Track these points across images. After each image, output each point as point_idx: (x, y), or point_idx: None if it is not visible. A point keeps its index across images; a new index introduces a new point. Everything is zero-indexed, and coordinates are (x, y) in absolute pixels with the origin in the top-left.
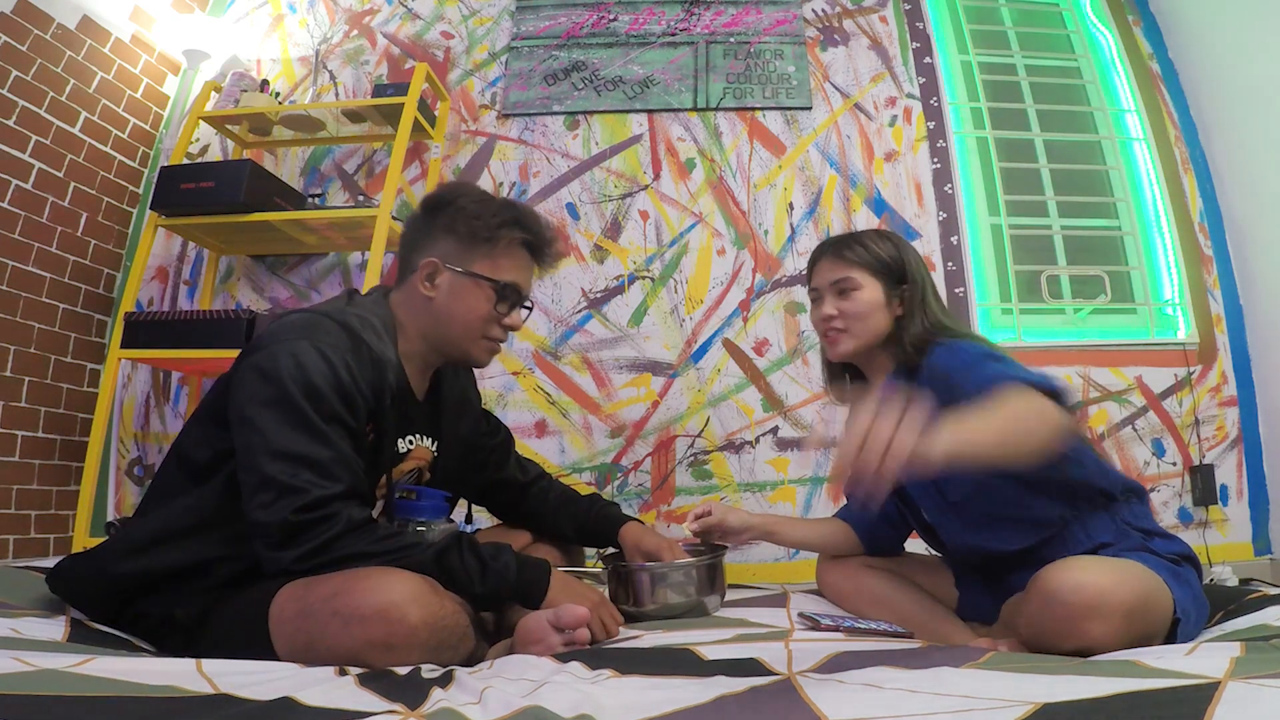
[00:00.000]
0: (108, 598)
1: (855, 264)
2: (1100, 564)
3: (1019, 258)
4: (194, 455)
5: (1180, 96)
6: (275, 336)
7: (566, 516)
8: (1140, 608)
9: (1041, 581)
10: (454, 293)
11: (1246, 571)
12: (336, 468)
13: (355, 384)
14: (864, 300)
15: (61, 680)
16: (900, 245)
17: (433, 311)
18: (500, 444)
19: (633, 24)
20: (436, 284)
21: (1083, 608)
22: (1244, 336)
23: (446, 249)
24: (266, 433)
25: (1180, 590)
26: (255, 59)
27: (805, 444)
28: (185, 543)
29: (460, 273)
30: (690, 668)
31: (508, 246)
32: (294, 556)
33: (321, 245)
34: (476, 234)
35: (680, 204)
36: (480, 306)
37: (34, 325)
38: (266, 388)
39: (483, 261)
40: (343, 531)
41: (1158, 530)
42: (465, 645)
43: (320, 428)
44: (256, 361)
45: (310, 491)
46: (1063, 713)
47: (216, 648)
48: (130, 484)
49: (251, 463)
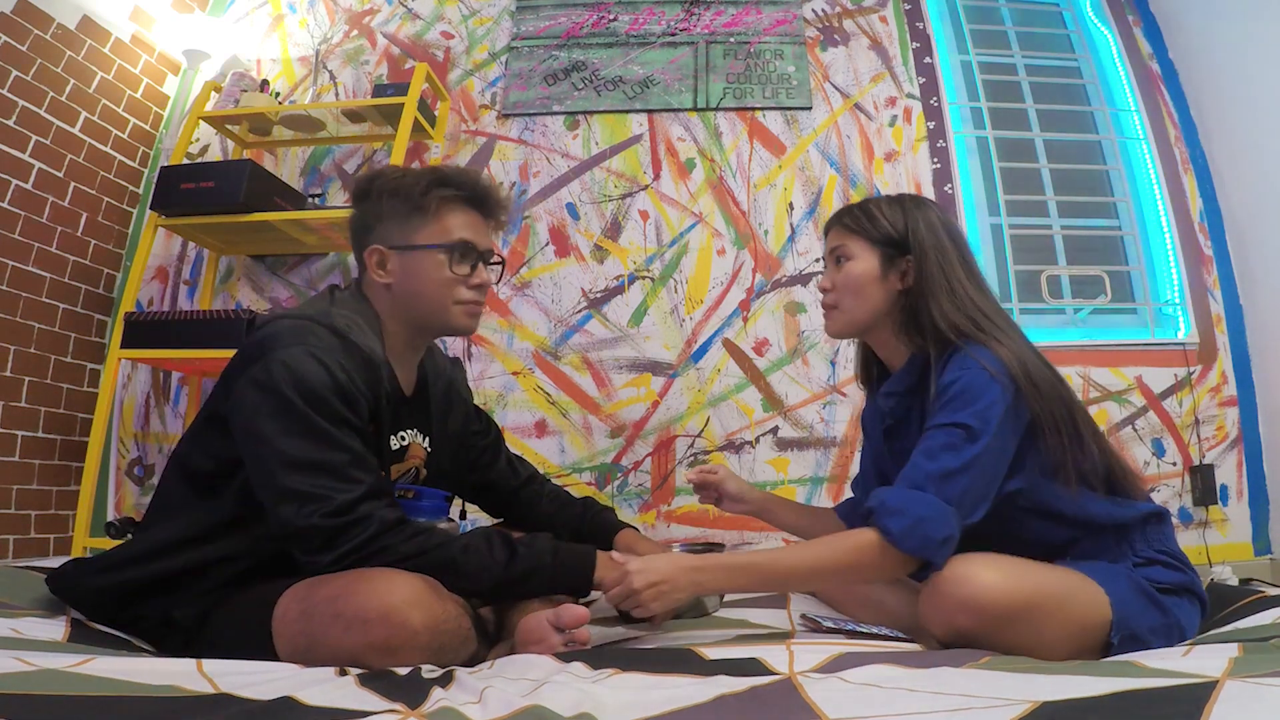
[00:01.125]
0: (108, 603)
1: (852, 231)
2: (997, 563)
3: (1019, 258)
4: (196, 466)
5: (1180, 96)
6: (265, 346)
7: (562, 521)
8: (1030, 612)
9: (937, 571)
10: (406, 271)
11: (1246, 571)
12: (354, 469)
13: (353, 384)
14: (854, 272)
15: (62, 680)
16: (912, 211)
17: (396, 296)
18: (491, 443)
19: (633, 24)
20: (389, 269)
21: (955, 600)
22: (1244, 336)
23: (385, 233)
24: (276, 446)
25: (1137, 611)
26: (255, 59)
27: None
28: (189, 550)
29: (404, 248)
30: (691, 667)
31: (441, 207)
32: (331, 559)
33: (321, 245)
34: (408, 207)
35: (680, 204)
36: (436, 273)
37: (34, 325)
38: (267, 400)
39: (423, 231)
40: (377, 533)
41: (1165, 557)
42: (467, 648)
43: (329, 432)
44: (253, 375)
45: (333, 498)
46: (1061, 712)
47: (216, 648)
48: (130, 484)
49: (268, 479)
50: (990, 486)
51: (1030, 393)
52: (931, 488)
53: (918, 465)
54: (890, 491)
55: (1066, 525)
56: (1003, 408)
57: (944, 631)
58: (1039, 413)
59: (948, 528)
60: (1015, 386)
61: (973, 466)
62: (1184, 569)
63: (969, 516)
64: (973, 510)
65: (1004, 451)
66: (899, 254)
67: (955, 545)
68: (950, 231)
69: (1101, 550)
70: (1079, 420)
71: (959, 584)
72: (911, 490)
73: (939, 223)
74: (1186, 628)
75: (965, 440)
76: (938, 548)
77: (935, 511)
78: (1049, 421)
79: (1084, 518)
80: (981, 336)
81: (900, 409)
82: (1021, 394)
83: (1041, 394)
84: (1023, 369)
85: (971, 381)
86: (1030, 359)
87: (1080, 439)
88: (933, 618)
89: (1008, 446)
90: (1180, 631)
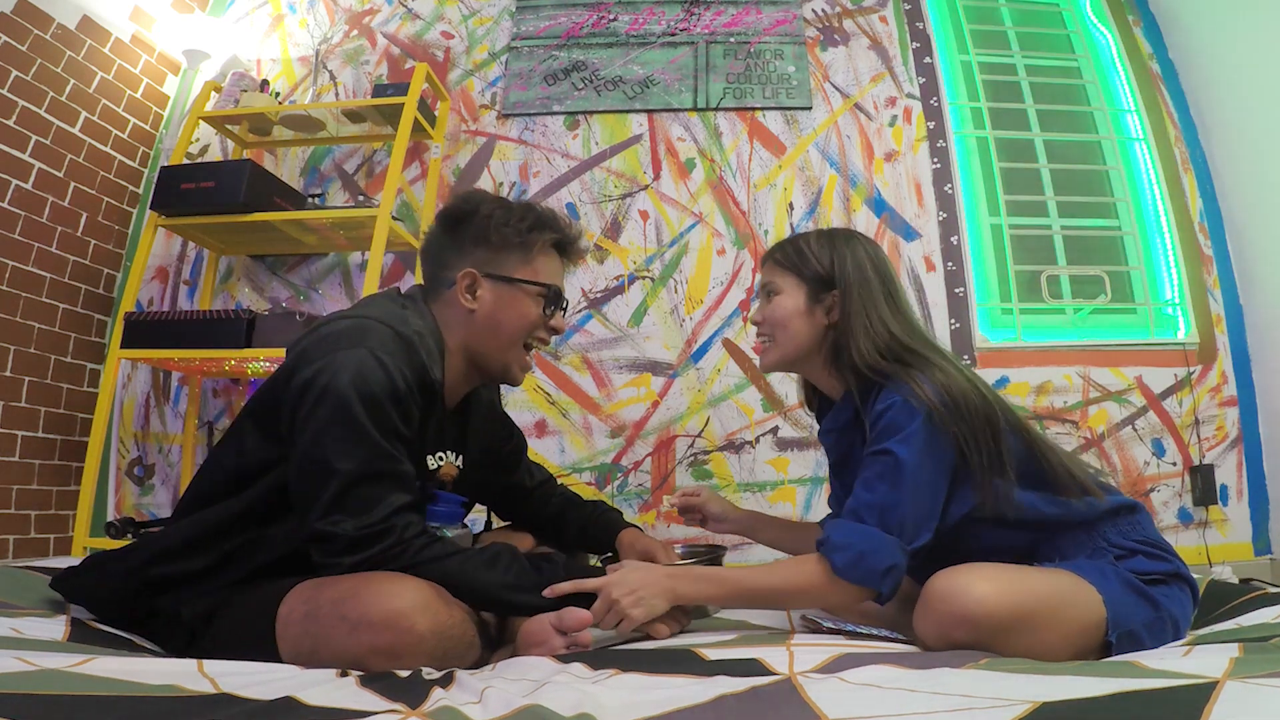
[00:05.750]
0: (126, 599)
1: (782, 266)
2: (988, 573)
3: (1019, 258)
4: (237, 465)
5: (1180, 96)
6: (327, 346)
7: (568, 521)
8: (1027, 620)
9: (926, 585)
10: (499, 302)
11: (1246, 571)
12: (398, 483)
13: (410, 393)
14: (782, 306)
15: (62, 680)
16: (840, 247)
17: (476, 323)
18: (513, 449)
19: (633, 24)
20: (479, 296)
21: (950, 614)
22: (1244, 336)
23: (480, 259)
24: (324, 450)
25: (1130, 607)
26: (255, 59)
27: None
28: (215, 545)
29: (502, 280)
30: (691, 667)
31: (541, 249)
32: (350, 564)
33: (321, 245)
34: (509, 240)
35: (680, 204)
36: (529, 312)
37: (34, 325)
38: (325, 402)
39: (520, 268)
40: (399, 546)
41: (1145, 547)
42: (471, 654)
43: (379, 444)
44: (312, 377)
45: (373, 510)
46: (1061, 712)
47: (219, 648)
48: (130, 484)
49: (309, 480)
50: (931, 508)
51: (950, 413)
52: (872, 519)
53: (858, 496)
54: (835, 525)
55: (1025, 529)
56: (926, 434)
57: (940, 645)
58: (958, 434)
59: (890, 558)
60: (938, 410)
61: (907, 493)
62: (1167, 556)
63: (913, 541)
64: (916, 535)
65: (937, 474)
66: (825, 289)
67: (902, 572)
68: (877, 266)
69: (1075, 547)
70: (999, 438)
71: (953, 598)
72: (853, 523)
73: (866, 258)
74: (1180, 618)
75: (894, 469)
76: (881, 578)
77: (876, 544)
78: (969, 440)
79: (1038, 519)
80: (895, 369)
81: (842, 444)
82: (945, 416)
83: (961, 416)
84: (944, 393)
85: (897, 412)
86: (956, 383)
87: (999, 456)
88: (928, 632)
89: (940, 469)
90: (1174, 624)
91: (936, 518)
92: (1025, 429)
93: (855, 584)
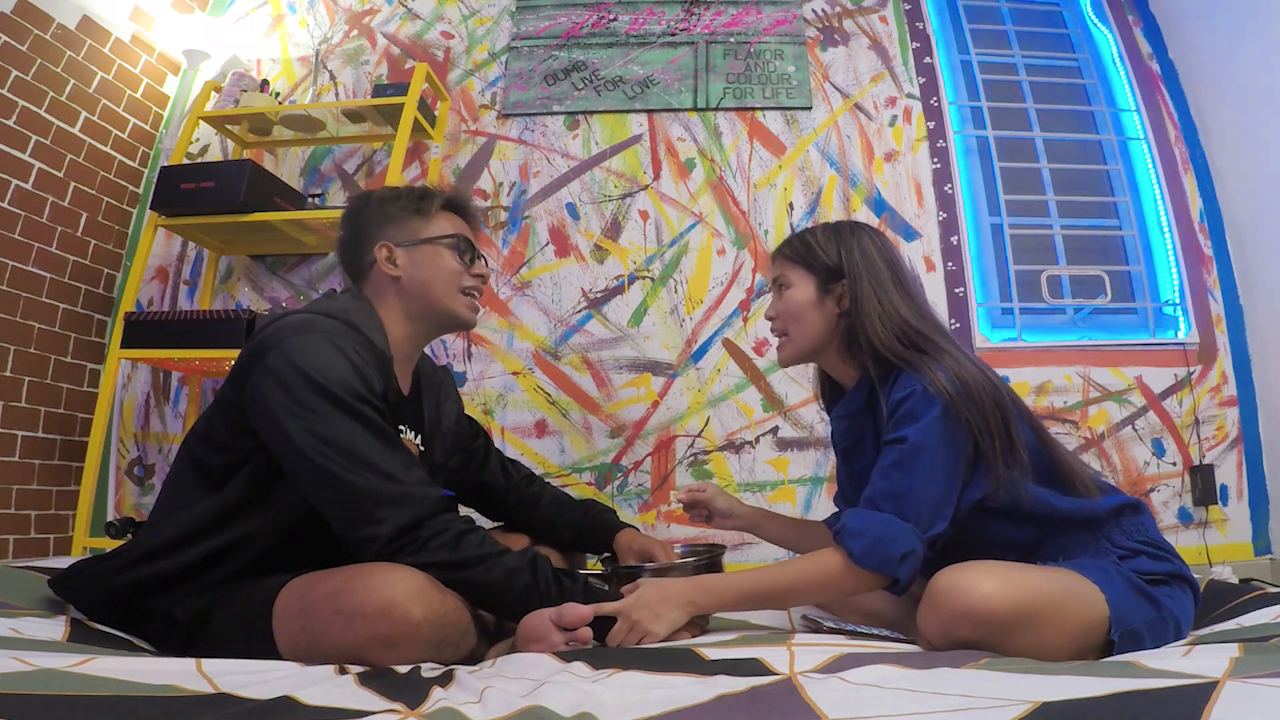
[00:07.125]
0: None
1: (791, 260)
2: (992, 570)
3: (1019, 258)
4: (208, 461)
5: (1180, 96)
6: (280, 336)
7: (563, 522)
8: (1031, 618)
9: (930, 582)
10: (417, 261)
11: (1246, 571)
12: (409, 470)
13: (366, 365)
14: (793, 299)
15: (61, 680)
16: (847, 238)
17: (406, 288)
18: (480, 445)
19: (633, 24)
20: (399, 264)
21: (954, 611)
22: (1244, 336)
23: (388, 233)
24: (330, 440)
25: (1132, 606)
26: (255, 59)
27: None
28: (200, 543)
29: (411, 244)
30: (691, 667)
31: (436, 210)
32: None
33: (321, 245)
34: (405, 210)
35: (680, 204)
36: (447, 263)
37: (34, 325)
38: (296, 388)
39: (424, 229)
40: (451, 540)
41: (1148, 548)
42: (467, 642)
43: (385, 431)
44: (270, 366)
45: (410, 503)
46: (1061, 712)
47: (216, 646)
48: (130, 484)
49: (323, 477)
50: (947, 496)
51: (965, 403)
52: (888, 506)
53: (874, 484)
54: (851, 514)
55: (1031, 524)
56: (944, 422)
57: (944, 643)
58: (971, 421)
59: (907, 544)
60: (954, 399)
61: (923, 481)
62: (1169, 557)
63: (929, 529)
64: (932, 523)
65: (953, 462)
66: (834, 280)
67: (919, 560)
68: (885, 255)
69: (1079, 546)
70: (1010, 424)
71: (957, 594)
72: (869, 511)
73: (873, 247)
74: (1182, 619)
75: (911, 456)
76: (897, 564)
77: (893, 531)
78: (981, 428)
79: (1047, 514)
80: (913, 356)
81: (854, 431)
82: (959, 404)
83: (975, 403)
84: (958, 381)
85: (916, 400)
86: (968, 371)
87: (1011, 442)
88: (932, 629)
89: (957, 457)
90: (1176, 624)
91: (952, 506)
92: (1034, 419)
93: (872, 571)
